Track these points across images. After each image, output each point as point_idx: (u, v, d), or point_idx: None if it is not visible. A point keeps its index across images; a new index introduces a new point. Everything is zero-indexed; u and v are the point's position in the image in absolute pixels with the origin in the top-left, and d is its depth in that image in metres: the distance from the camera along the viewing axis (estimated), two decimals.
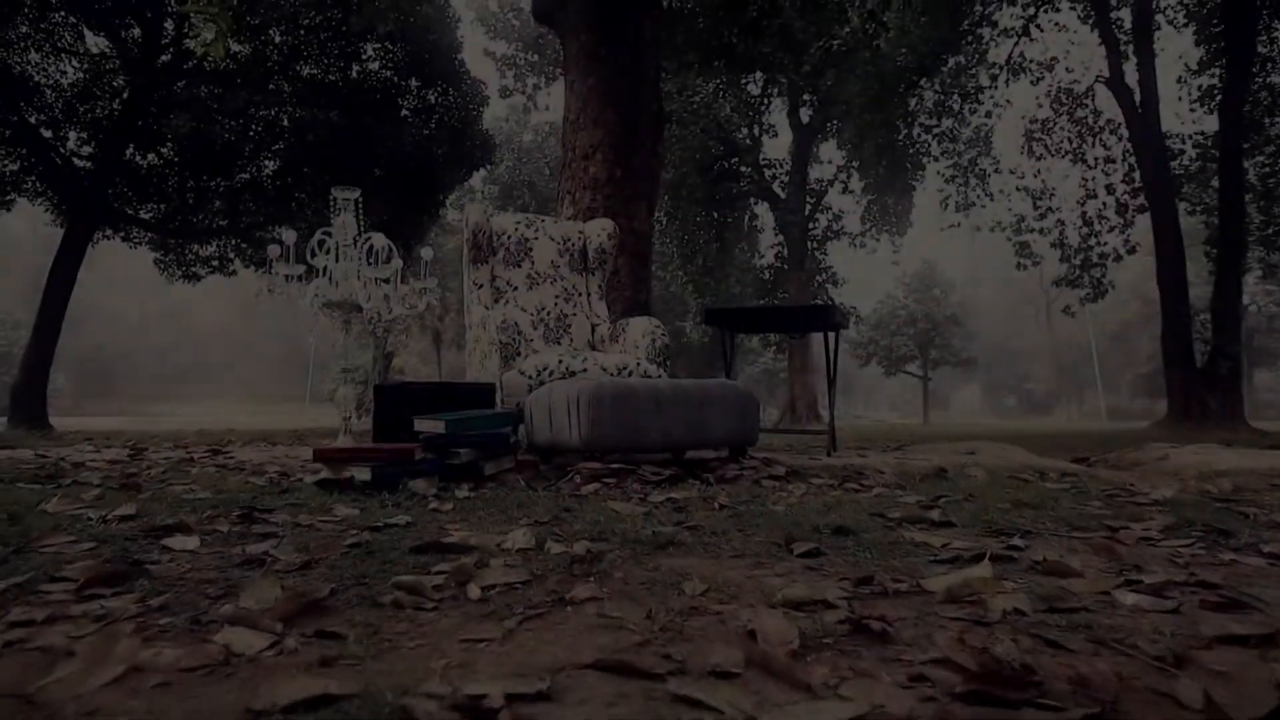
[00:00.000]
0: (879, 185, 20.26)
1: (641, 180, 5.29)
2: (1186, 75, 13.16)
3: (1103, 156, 13.13)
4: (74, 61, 12.05)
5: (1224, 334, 10.42)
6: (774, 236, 23.33)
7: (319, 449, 1.99)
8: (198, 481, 2.18)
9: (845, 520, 1.56)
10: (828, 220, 22.05)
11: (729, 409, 2.50)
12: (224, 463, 2.80)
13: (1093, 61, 12.75)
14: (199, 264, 14.45)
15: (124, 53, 11.78)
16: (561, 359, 2.93)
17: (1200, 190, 12.99)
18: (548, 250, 3.63)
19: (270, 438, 6.13)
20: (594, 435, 2.24)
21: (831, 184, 21.50)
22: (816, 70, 10.42)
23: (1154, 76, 11.02)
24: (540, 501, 1.85)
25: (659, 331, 3.20)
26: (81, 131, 12.23)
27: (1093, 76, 11.98)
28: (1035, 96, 13.81)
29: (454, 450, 2.21)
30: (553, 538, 1.35)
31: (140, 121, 11.61)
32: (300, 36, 11.96)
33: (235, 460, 2.91)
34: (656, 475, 2.25)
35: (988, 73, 13.12)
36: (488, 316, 2.97)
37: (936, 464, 2.73)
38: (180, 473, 2.44)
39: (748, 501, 1.89)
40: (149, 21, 11.91)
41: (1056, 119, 13.74)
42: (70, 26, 11.85)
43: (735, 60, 9.59)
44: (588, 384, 2.27)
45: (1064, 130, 13.69)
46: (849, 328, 3.12)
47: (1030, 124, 13.97)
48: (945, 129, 13.55)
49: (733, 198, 20.96)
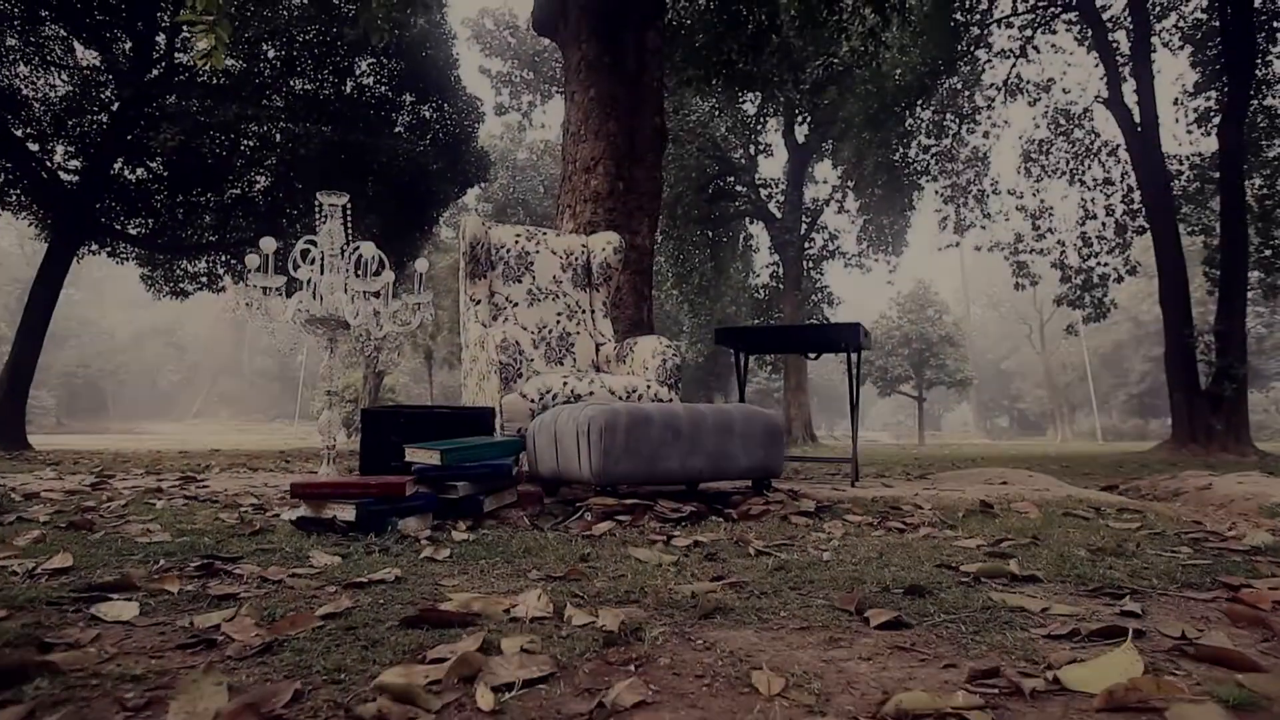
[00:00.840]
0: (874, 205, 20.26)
1: (644, 194, 5.11)
2: (1183, 97, 13.18)
3: (1101, 178, 13.09)
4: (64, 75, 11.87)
5: (1229, 355, 10.29)
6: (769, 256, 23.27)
7: (297, 483, 1.75)
8: (161, 519, 1.94)
9: (908, 572, 1.34)
10: (823, 240, 22.00)
11: (752, 437, 2.28)
12: (195, 493, 2.55)
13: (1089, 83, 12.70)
14: (187, 280, 14.19)
15: (114, 66, 11.60)
16: (566, 381, 2.71)
17: (1198, 211, 12.95)
18: (549, 265, 3.42)
19: (255, 460, 5.86)
20: (606, 467, 2.01)
21: (827, 203, 21.48)
22: (817, 87, 10.33)
23: (1153, 96, 11.00)
24: (550, 546, 1.62)
25: (670, 351, 2.99)
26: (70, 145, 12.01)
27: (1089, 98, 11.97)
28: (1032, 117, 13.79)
29: (450, 484, 1.98)
30: (572, 600, 1.12)
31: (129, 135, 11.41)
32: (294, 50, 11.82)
33: (208, 491, 2.66)
34: (676, 512, 2.02)
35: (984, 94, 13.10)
36: (486, 335, 2.75)
37: (974, 497, 2.51)
38: (144, 507, 2.19)
39: (785, 545, 1.66)
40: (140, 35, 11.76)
41: (1054, 140, 13.72)
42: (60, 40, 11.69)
43: (735, 76, 9.49)
44: (599, 410, 2.04)
45: (1061, 151, 13.67)
46: (870, 348, 2.92)
47: (1027, 145, 13.94)
48: (943, 148, 13.50)
49: (728, 217, 20.89)
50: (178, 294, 14.11)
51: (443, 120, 12.38)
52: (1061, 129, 13.63)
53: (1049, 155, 13.65)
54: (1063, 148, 13.66)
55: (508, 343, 2.66)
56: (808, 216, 21.52)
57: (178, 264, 14.01)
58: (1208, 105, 13.05)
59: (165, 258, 13.71)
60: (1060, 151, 13.63)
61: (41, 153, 11.76)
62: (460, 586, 1.23)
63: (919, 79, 11.36)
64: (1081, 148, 13.50)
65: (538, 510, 2.12)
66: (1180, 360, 10.61)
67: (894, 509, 2.24)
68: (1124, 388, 50.30)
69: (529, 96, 18.41)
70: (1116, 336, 47.16)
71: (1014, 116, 50.94)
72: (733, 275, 22.74)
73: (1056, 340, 45.09)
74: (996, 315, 61.41)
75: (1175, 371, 10.70)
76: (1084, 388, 50.00)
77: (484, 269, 3.25)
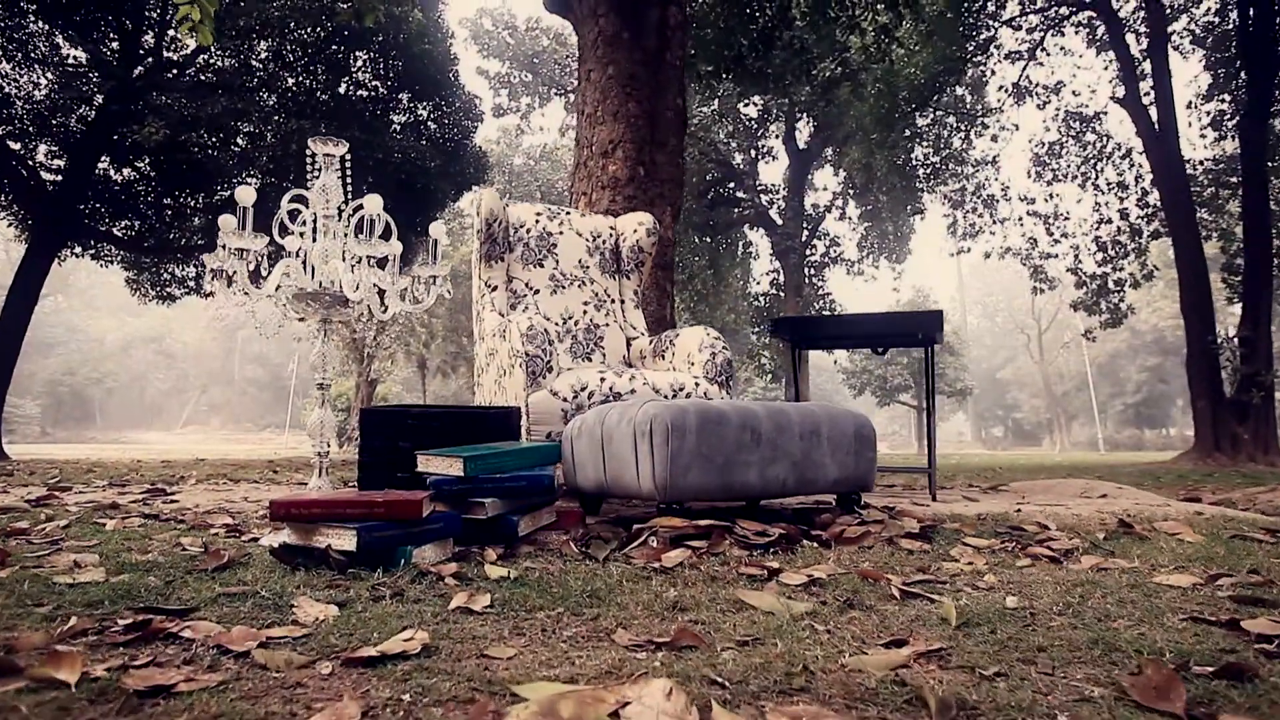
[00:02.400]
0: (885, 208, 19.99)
1: (666, 181, 4.71)
2: (1197, 101, 12.93)
3: (1115, 181, 12.79)
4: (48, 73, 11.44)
5: (1255, 362, 9.95)
6: (769, 263, 22.96)
7: (279, 502, 1.32)
8: (103, 547, 1.51)
9: (1160, 631, 0.93)
10: (825, 246, 21.72)
11: (842, 442, 1.87)
12: (158, 510, 2.11)
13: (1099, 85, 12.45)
14: (174, 284, 13.73)
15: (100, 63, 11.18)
16: (604, 377, 2.29)
17: (1215, 216, 12.67)
18: (575, 247, 3.01)
19: (239, 469, 5.41)
20: (674, 479, 1.59)
21: (829, 209, 21.20)
22: (831, 83, 10.00)
23: (1170, 94, 10.71)
24: (621, 586, 1.20)
25: (720, 344, 2.57)
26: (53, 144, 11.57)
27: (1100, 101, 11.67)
28: (1042, 120, 13.52)
29: (476, 501, 1.56)
30: (713, 689, 0.71)
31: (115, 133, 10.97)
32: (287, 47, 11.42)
33: (175, 507, 2.23)
34: (762, 536, 1.60)
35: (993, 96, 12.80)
36: (508, 323, 2.33)
37: (1100, 514, 2.11)
38: (89, 529, 1.76)
39: (931, 584, 1.25)
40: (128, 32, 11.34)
41: (1064, 142, 13.44)
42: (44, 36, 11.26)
43: (745, 73, 9.14)
44: (663, 407, 1.63)
45: (1073, 155, 13.38)
46: (942, 342, 2.59)
47: (1037, 148, 13.66)
48: (953, 151, 13.19)
49: (729, 223, 20.56)
50: (164, 298, 13.63)
51: (440, 118, 11.99)
52: (1072, 131, 13.35)
53: (1060, 159, 13.36)
54: (1074, 151, 13.38)
55: (535, 331, 2.24)
56: (809, 223, 21.24)
57: (164, 267, 13.55)
58: (1221, 109, 12.80)
59: (152, 261, 13.24)
60: (1071, 155, 13.35)
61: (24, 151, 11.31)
62: (522, 662, 0.81)
63: (932, 78, 11.05)
64: (1093, 151, 13.22)
65: (582, 533, 1.70)
66: (1204, 367, 10.26)
67: (1016, 530, 1.83)
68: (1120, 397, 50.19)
69: (527, 98, 18.06)
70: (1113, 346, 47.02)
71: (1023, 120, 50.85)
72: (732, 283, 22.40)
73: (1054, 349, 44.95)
74: (992, 325, 61.33)
75: (1198, 379, 10.35)
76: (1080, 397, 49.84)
77: (501, 250, 2.84)
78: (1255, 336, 10.01)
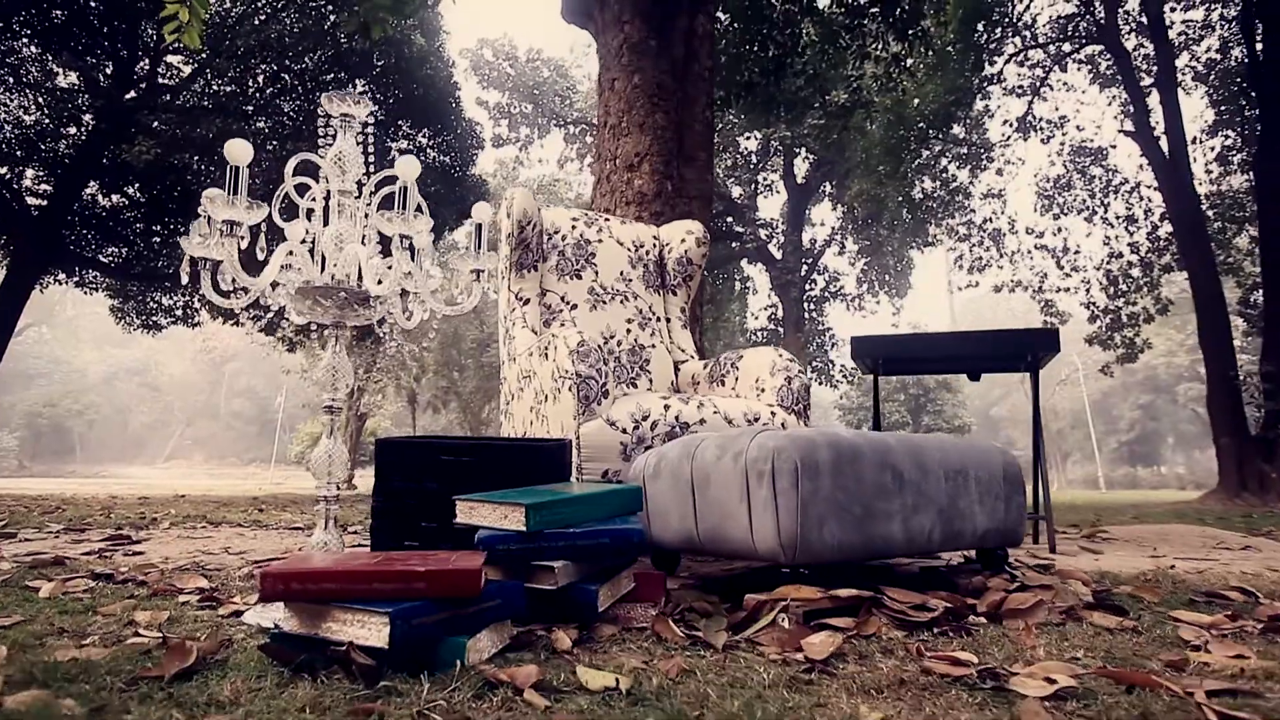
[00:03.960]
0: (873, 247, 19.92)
1: (694, 198, 4.38)
2: (1201, 136, 12.89)
3: (1124, 215, 12.66)
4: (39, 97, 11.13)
5: (1278, 398, 9.65)
6: (768, 298, 22.75)
7: (275, 572, 0.91)
8: (22, 629, 1.08)
9: None
10: (825, 281, 21.56)
11: (991, 485, 1.48)
12: (116, 566, 1.68)
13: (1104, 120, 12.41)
14: (161, 313, 13.31)
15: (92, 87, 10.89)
16: (668, 404, 1.90)
17: (1222, 252, 12.51)
18: (616, 258, 2.64)
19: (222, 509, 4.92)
20: (805, 534, 1.19)
21: (829, 244, 21.10)
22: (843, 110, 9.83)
23: (1181, 125, 10.61)
24: (787, 700, 0.79)
25: (795, 367, 2.19)
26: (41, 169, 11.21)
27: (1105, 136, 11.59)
28: (1048, 155, 13.44)
29: (543, 565, 1.15)
30: None
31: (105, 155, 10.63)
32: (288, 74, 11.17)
33: (139, 560, 1.79)
34: (921, 610, 1.20)
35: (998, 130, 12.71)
36: (553, 338, 1.94)
37: (1272, 570, 1.71)
38: (14, 596, 1.33)
39: (1226, 695, 0.85)
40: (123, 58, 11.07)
41: (1070, 176, 13.34)
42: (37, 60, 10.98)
43: (758, 98, 8.95)
44: (788, 439, 1.23)
45: (1079, 189, 13.27)
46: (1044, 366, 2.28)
47: (1043, 182, 13.56)
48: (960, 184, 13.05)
49: (729, 256, 20.37)
50: (150, 328, 13.19)
51: (441, 145, 11.74)
52: (1079, 165, 13.26)
53: (1067, 192, 13.24)
54: (1080, 185, 13.28)
55: (587, 348, 1.85)
56: (808, 258, 21.10)
57: (151, 296, 13.14)
58: (1226, 143, 12.76)
59: (138, 289, 12.84)
60: (1079, 189, 13.23)
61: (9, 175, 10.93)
62: None
63: (943, 108, 10.92)
64: (1100, 184, 13.11)
65: (671, 607, 1.29)
66: (1226, 403, 9.97)
67: (1216, 597, 1.43)
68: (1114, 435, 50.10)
69: (526, 129, 17.92)
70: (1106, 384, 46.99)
71: (1029, 155, 51.42)
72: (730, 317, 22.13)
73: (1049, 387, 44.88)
74: None
75: (1221, 415, 10.04)
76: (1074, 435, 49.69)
77: (534, 259, 2.46)
78: (1279, 371, 9.73)
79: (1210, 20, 12.89)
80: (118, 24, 10.60)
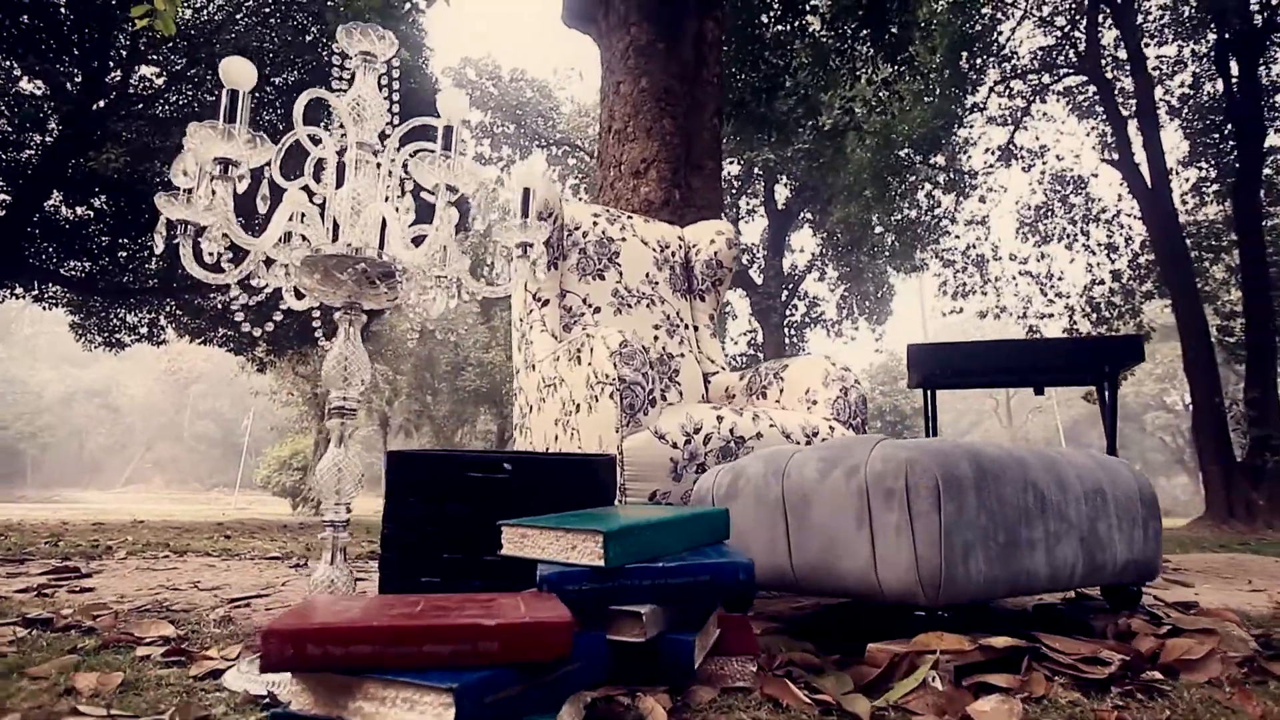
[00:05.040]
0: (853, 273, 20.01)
1: (703, 208, 4.17)
2: (1177, 167, 13.12)
3: (1105, 242, 12.80)
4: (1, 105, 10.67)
5: (1265, 425, 9.69)
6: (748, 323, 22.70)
7: (283, 630, 0.64)
8: None
9: None
10: (805, 306, 21.58)
11: (1129, 509, 1.25)
12: (56, 608, 1.37)
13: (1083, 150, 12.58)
14: (125, 330, 12.79)
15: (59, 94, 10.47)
16: (721, 416, 1.65)
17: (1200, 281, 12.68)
18: (641, 258, 2.40)
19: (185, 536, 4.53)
20: (949, 568, 0.95)
21: (809, 269, 21.15)
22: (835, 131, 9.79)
23: (1162, 154, 10.77)
24: None
25: (850, 376, 1.96)
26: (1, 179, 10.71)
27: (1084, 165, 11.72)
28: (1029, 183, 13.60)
29: (623, 610, 0.89)
30: None
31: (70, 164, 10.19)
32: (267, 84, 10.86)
33: (87, 600, 1.48)
34: (1095, 665, 0.96)
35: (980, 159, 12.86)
36: (588, 339, 1.69)
37: None
38: None
39: None
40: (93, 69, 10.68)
41: (1052, 205, 13.50)
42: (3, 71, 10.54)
43: (750, 117, 8.86)
44: (919, 450, 0.99)
45: (1060, 216, 13.43)
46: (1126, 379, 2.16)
47: (1024, 210, 13.70)
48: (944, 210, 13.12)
49: None
50: (113, 345, 12.64)
51: None
52: (1059, 193, 13.43)
53: (1048, 220, 13.38)
54: (1060, 212, 13.43)
55: (632, 348, 1.60)
56: (789, 283, 21.12)
57: (115, 312, 12.62)
58: (1201, 175, 13.00)
59: (101, 304, 12.31)
60: (1059, 217, 13.38)
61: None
62: None
63: (931, 133, 10.96)
64: (1080, 212, 13.27)
65: (770, 659, 1.03)
66: (1213, 430, 9.97)
67: None
68: None
69: (509, 149, 17.75)
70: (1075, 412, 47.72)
71: (1011, 183, 52.30)
72: None
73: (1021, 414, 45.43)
74: None
75: (1207, 442, 10.04)
76: None
77: (554, 255, 2.21)
78: (1263, 397, 9.78)
79: (1183, 56, 13.22)
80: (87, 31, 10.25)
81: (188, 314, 12.84)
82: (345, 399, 1.05)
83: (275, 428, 33.44)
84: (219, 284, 0.98)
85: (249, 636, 1.17)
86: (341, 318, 1.07)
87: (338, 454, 1.04)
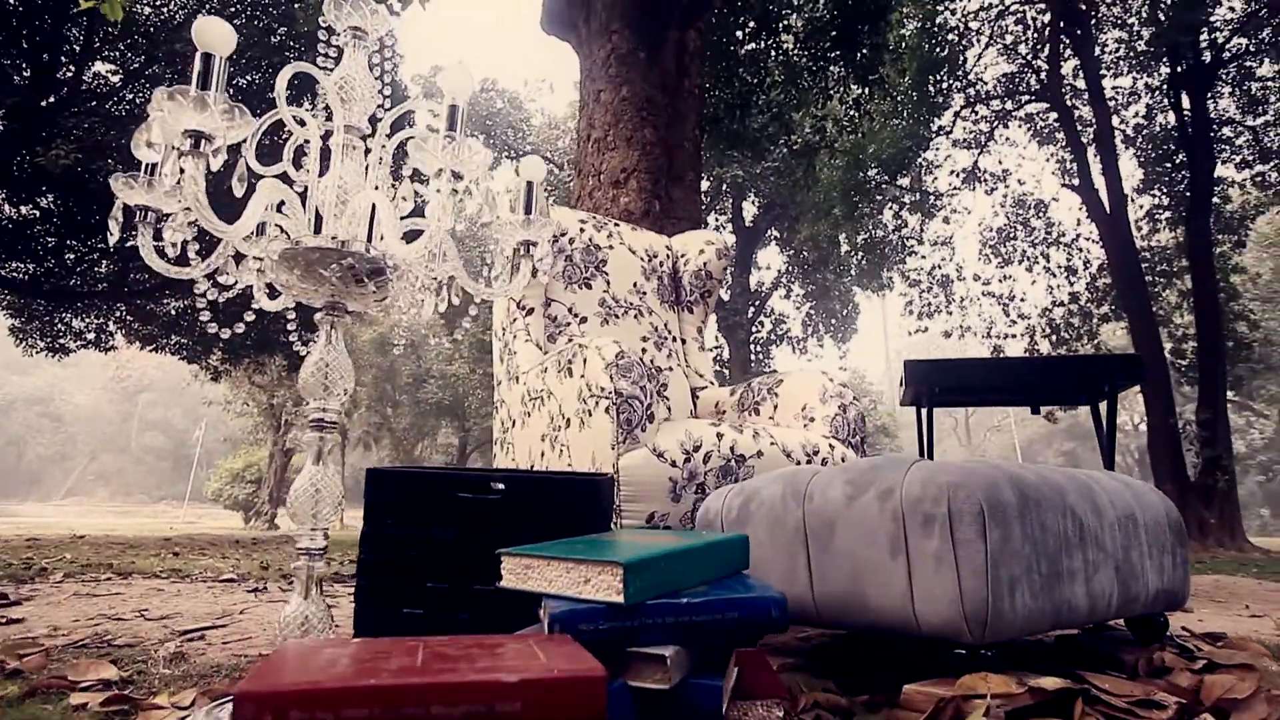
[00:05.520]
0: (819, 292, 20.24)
1: (683, 220, 4.11)
2: (1132, 194, 13.55)
3: (1064, 265, 13.13)
4: None
5: (1214, 445, 9.98)
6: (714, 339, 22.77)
7: (254, 694, 0.52)
8: None
9: None
10: (771, 324, 21.73)
11: (1159, 535, 1.19)
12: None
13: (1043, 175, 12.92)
14: (70, 336, 12.24)
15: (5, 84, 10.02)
16: (721, 433, 1.56)
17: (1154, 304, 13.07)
18: (628, 267, 2.31)
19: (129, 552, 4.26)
20: (995, 601, 0.87)
21: (775, 286, 21.32)
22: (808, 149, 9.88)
23: (1119, 179, 11.10)
24: None
25: (848, 393, 1.89)
26: None
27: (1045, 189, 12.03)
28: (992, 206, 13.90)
29: (643, 652, 0.79)
30: None
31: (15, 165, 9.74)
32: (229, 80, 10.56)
33: (14, 633, 1.32)
34: (1152, 709, 0.88)
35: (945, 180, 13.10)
36: (579, 349, 1.59)
37: None
38: None
39: None
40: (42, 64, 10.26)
41: (1012, 227, 13.82)
42: None
43: (723, 133, 8.89)
44: (961, 473, 0.92)
45: (1021, 239, 13.75)
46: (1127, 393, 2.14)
47: (987, 232, 13.99)
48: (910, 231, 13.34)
49: None
50: (56, 350, 12.08)
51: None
52: (1020, 217, 13.76)
53: (1010, 242, 13.69)
54: (1021, 236, 13.76)
55: (629, 360, 1.50)
56: (755, 300, 21.26)
57: (60, 316, 12.08)
58: (1155, 202, 13.45)
59: (44, 308, 11.77)
60: (1020, 240, 13.71)
61: None
62: None
63: (900, 153, 11.14)
64: (1040, 235, 13.61)
65: (800, 706, 0.94)
66: (1167, 451, 10.23)
67: None
68: None
69: None
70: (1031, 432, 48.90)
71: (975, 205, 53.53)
72: None
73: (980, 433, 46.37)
74: None
75: (1162, 463, 10.30)
76: None
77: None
78: (1214, 418, 10.08)
79: (1138, 87, 13.71)
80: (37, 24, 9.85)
81: (139, 319, 12.36)
82: (325, 410, 0.93)
83: (229, 439, 32.39)
84: (184, 279, 0.86)
85: (204, 679, 1.03)
86: (323, 319, 0.96)
87: (316, 473, 0.92)
